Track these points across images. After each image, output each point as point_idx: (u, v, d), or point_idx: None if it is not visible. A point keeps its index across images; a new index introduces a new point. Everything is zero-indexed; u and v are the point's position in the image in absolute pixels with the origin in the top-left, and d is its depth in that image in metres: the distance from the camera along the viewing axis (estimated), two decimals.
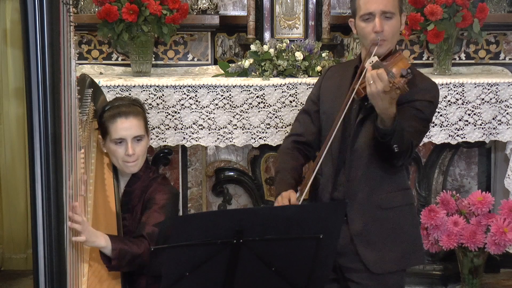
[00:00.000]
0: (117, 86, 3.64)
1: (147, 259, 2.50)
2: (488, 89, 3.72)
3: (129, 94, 3.61)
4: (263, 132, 3.69)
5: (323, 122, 2.85)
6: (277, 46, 3.73)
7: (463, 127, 3.71)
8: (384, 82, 2.42)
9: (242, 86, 3.68)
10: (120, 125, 2.68)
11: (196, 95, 3.67)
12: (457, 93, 3.72)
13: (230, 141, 3.71)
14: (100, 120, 2.74)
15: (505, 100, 3.73)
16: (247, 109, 3.68)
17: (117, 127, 2.68)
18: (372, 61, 2.58)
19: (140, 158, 2.73)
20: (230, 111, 3.68)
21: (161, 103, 3.66)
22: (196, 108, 3.67)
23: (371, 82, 2.45)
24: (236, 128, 3.70)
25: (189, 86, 3.67)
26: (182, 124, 3.68)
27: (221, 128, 3.69)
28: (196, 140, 3.70)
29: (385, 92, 2.42)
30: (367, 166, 2.71)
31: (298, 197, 2.70)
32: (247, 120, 3.69)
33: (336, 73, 2.92)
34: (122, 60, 4.14)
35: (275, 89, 3.68)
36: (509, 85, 3.73)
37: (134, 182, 2.73)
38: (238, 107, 3.68)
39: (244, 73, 3.76)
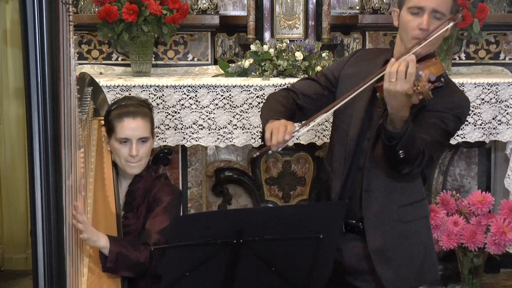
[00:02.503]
0: (117, 86, 3.64)
1: (150, 267, 2.49)
2: (488, 89, 3.72)
3: (129, 94, 3.61)
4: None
5: (337, 111, 2.61)
6: (277, 46, 3.73)
7: (463, 127, 3.71)
8: (408, 83, 2.22)
9: (242, 86, 3.68)
10: (126, 125, 2.65)
11: (196, 95, 3.67)
12: None
13: (230, 141, 3.71)
14: (107, 118, 2.73)
15: (505, 100, 3.73)
16: (247, 109, 3.68)
17: (124, 127, 2.66)
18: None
19: (143, 160, 2.70)
20: (230, 111, 3.68)
21: (161, 103, 3.66)
22: (196, 108, 3.67)
23: (393, 80, 2.25)
24: (236, 128, 3.69)
25: (189, 86, 3.67)
26: (182, 124, 3.68)
27: (221, 128, 3.69)
28: (196, 140, 3.70)
29: (407, 94, 2.22)
30: (387, 175, 2.51)
31: (298, 129, 2.42)
32: (247, 120, 3.69)
33: (364, 61, 2.67)
34: (122, 60, 4.14)
35: (275, 89, 3.67)
36: (509, 85, 3.73)
37: (137, 181, 2.72)
38: (238, 107, 3.68)
39: (244, 73, 3.76)
